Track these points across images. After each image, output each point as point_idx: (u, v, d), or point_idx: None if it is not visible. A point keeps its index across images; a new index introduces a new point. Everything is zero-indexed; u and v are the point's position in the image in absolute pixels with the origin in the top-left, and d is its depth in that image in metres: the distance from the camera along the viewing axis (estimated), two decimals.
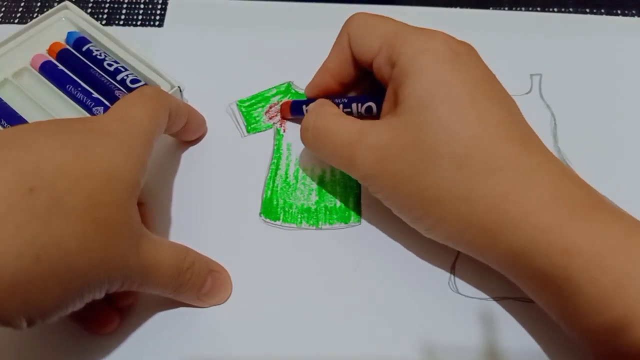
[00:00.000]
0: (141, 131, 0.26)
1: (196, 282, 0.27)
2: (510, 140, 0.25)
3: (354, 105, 0.30)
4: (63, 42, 0.36)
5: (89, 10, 0.40)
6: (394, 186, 0.26)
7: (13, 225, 0.19)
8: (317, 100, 0.31)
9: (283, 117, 0.35)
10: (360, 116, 0.30)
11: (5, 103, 0.33)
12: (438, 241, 0.27)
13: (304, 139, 0.29)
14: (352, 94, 0.32)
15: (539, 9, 0.40)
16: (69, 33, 0.36)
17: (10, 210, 0.19)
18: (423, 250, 0.30)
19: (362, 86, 0.31)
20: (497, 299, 0.29)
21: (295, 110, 0.34)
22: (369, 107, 0.30)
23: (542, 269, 0.24)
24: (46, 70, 0.34)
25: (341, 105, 0.30)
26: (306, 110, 0.32)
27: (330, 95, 0.31)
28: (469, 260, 0.30)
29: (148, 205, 0.31)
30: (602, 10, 0.40)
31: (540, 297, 0.26)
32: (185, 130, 0.32)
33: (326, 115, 0.28)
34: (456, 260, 0.30)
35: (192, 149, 0.34)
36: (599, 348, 0.24)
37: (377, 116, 0.29)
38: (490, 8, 0.40)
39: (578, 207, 0.24)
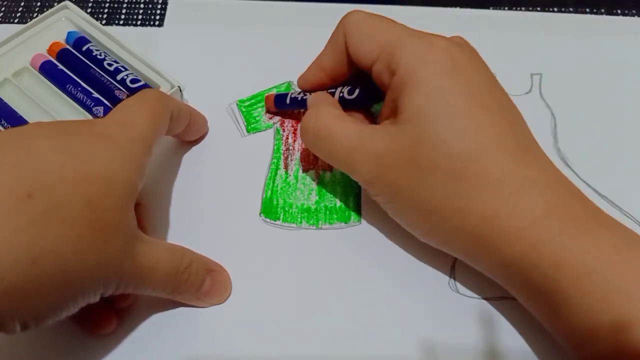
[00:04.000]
0: (141, 136, 0.26)
1: (194, 283, 0.27)
2: (507, 152, 0.25)
3: (338, 89, 0.31)
4: (63, 42, 0.36)
5: (89, 10, 0.40)
6: (392, 194, 0.27)
7: (11, 230, 0.19)
8: (315, 96, 0.31)
9: (268, 111, 0.35)
10: (347, 104, 0.30)
11: (5, 103, 0.33)
12: (434, 246, 0.28)
13: (303, 138, 0.29)
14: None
15: (539, 9, 0.40)
16: (69, 33, 0.36)
17: (9, 215, 0.19)
18: (423, 250, 0.30)
19: (355, 81, 0.31)
20: (497, 299, 0.29)
21: (279, 104, 0.34)
22: (351, 90, 0.30)
23: (533, 280, 0.24)
24: (46, 70, 0.34)
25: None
26: (289, 100, 0.33)
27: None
28: None
29: (148, 205, 0.31)
30: (602, 10, 0.40)
31: (530, 305, 0.26)
32: (187, 131, 0.32)
33: (326, 116, 0.28)
34: (456, 261, 0.30)
35: (192, 148, 0.34)
36: (585, 351, 0.24)
37: (368, 114, 0.30)
38: (490, 8, 0.40)
39: (571, 221, 0.24)
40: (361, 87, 0.30)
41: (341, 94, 0.30)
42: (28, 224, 0.20)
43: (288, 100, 0.33)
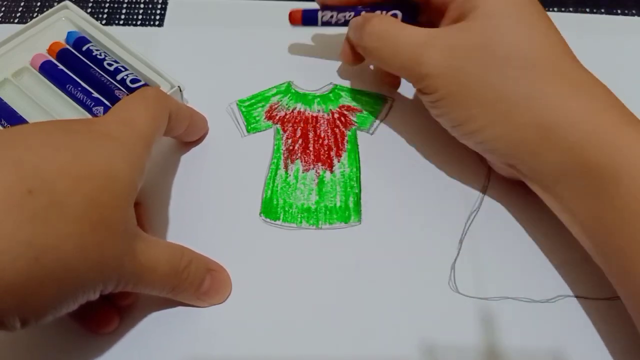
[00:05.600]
0: (141, 133, 0.26)
1: (194, 282, 0.27)
2: (571, 56, 0.27)
3: (377, 13, 0.31)
4: (63, 42, 0.36)
5: (89, 10, 0.40)
6: (458, 83, 0.27)
7: (12, 226, 0.19)
8: (367, 14, 0.31)
9: (292, 23, 0.34)
10: None
11: (5, 103, 0.33)
12: (484, 146, 0.28)
13: (362, 37, 0.30)
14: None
15: None
16: (68, 33, 0.36)
17: (10, 211, 0.19)
18: (423, 250, 0.30)
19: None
20: (497, 299, 0.29)
21: (308, 19, 0.34)
22: (394, 15, 0.31)
23: (591, 164, 0.25)
24: (46, 70, 0.34)
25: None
26: (322, 23, 0.33)
27: (351, 7, 0.32)
28: (469, 260, 0.30)
29: (148, 205, 0.31)
30: (602, 10, 0.40)
31: (576, 201, 0.26)
32: (188, 132, 0.32)
33: (391, 21, 0.30)
34: (456, 260, 0.30)
35: (192, 148, 0.34)
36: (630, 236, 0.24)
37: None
38: None
39: (629, 116, 0.26)
40: (401, 8, 0.31)
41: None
42: (29, 220, 0.20)
43: (320, 23, 0.33)
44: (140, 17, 0.40)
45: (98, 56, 0.34)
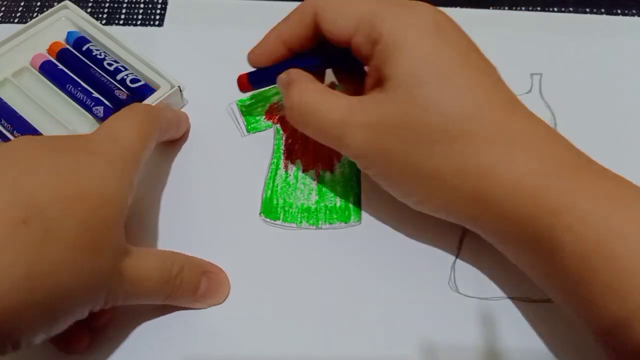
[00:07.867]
0: (131, 152, 0.26)
1: (188, 287, 0.27)
2: (498, 108, 0.25)
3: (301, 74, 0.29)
4: (63, 42, 0.36)
5: (89, 10, 0.40)
6: (386, 163, 0.26)
7: (8, 258, 0.19)
8: (292, 73, 0.29)
9: (242, 90, 0.32)
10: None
11: (6, 103, 0.33)
12: (428, 213, 0.27)
13: (289, 117, 0.29)
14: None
15: (539, 8, 0.40)
16: (68, 33, 0.36)
17: (5, 242, 0.19)
18: (423, 250, 0.30)
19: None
20: (497, 298, 0.29)
21: (257, 82, 0.32)
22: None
23: (531, 231, 0.24)
24: (46, 69, 0.34)
25: None
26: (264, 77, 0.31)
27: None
28: (469, 260, 0.30)
29: (147, 206, 0.31)
30: (602, 10, 0.40)
31: (527, 262, 0.26)
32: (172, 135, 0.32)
33: (311, 92, 0.27)
34: (456, 260, 0.30)
35: (191, 148, 0.34)
36: (576, 297, 0.24)
37: (352, 87, 0.30)
38: (490, 8, 0.40)
39: (565, 168, 0.24)
40: (320, 55, 0.29)
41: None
42: (24, 250, 0.20)
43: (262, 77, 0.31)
44: (140, 17, 0.40)
45: (98, 56, 0.34)
